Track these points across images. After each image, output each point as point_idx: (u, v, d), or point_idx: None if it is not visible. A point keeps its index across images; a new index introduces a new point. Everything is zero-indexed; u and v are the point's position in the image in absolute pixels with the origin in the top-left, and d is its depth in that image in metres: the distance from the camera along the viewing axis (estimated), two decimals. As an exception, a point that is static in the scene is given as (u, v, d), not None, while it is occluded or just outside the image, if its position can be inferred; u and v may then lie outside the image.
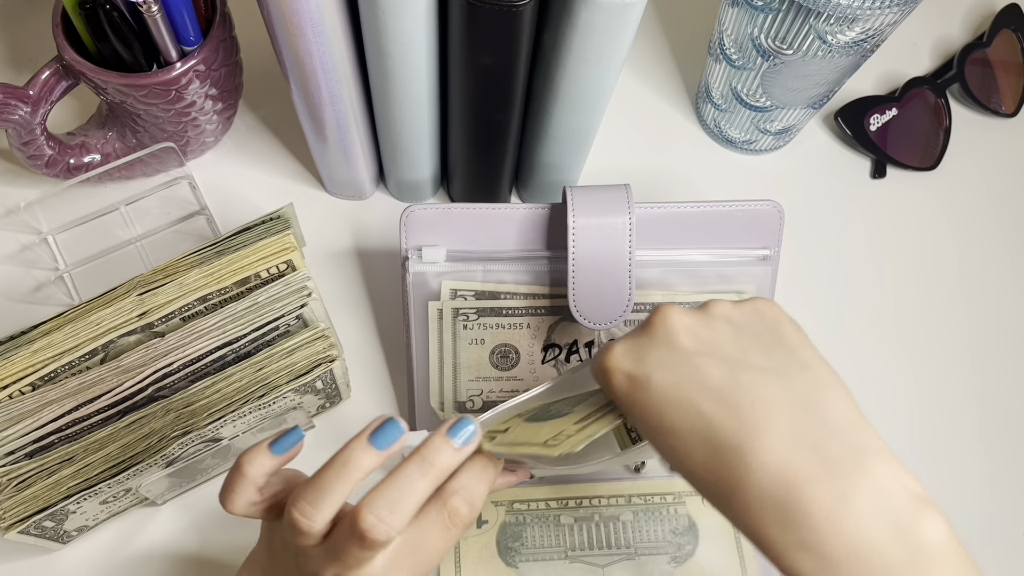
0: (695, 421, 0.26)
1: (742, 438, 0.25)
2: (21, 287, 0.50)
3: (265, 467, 0.29)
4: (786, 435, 0.25)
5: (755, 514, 0.24)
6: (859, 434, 0.25)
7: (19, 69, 0.57)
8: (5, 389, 0.38)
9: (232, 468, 0.30)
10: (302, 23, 0.38)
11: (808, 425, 0.25)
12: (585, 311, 0.42)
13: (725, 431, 0.25)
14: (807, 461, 0.24)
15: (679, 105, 0.61)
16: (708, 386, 0.26)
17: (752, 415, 0.25)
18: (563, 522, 0.45)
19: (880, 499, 0.24)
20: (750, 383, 0.26)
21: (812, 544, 0.23)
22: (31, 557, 0.44)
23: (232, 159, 0.55)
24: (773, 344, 0.28)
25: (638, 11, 0.37)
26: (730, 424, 0.25)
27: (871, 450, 0.25)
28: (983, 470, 0.51)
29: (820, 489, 0.24)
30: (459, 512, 0.29)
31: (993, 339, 0.54)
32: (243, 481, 0.29)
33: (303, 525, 0.27)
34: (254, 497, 0.30)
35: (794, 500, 0.24)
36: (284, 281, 0.41)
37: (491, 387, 0.45)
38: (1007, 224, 0.58)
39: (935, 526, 0.24)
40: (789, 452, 0.24)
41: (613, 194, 0.42)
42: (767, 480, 0.24)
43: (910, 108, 0.60)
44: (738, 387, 0.26)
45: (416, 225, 0.43)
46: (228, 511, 0.30)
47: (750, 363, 0.27)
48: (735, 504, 0.25)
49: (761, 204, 0.44)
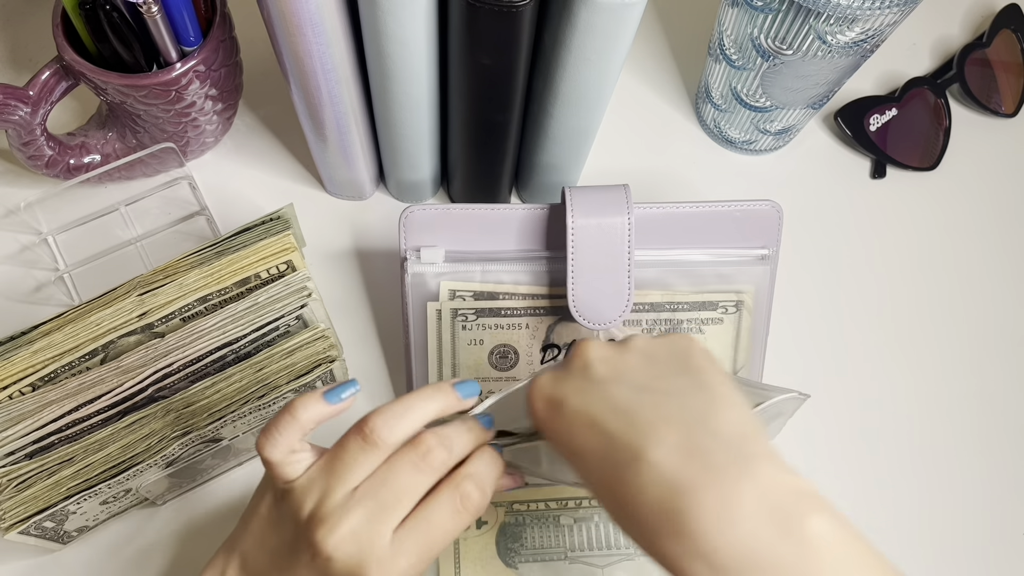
0: (599, 440, 0.27)
1: (634, 452, 0.26)
2: (21, 287, 0.50)
3: (317, 415, 0.30)
4: (674, 447, 0.26)
5: (650, 526, 0.25)
6: (747, 443, 0.26)
7: (19, 69, 0.57)
8: (5, 389, 0.38)
9: (281, 412, 0.30)
10: (302, 23, 0.38)
11: (697, 437, 0.26)
12: (584, 311, 0.42)
13: (621, 447, 0.26)
14: (693, 470, 0.25)
15: (679, 105, 0.61)
16: (613, 407, 0.28)
17: (645, 430, 0.26)
18: (563, 523, 0.45)
19: (763, 500, 0.24)
20: (650, 403, 0.27)
21: (704, 552, 0.24)
22: (31, 557, 0.44)
23: (232, 159, 0.55)
24: (680, 371, 0.29)
25: (638, 11, 0.37)
26: (625, 439, 0.26)
27: (756, 455, 0.25)
28: (983, 470, 0.51)
29: (706, 496, 0.24)
30: (471, 496, 0.30)
31: (992, 339, 0.54)
32: (293, 424, 0.29)
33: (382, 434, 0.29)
34: (295, 445, 0.30)
35: (683, 509, 0.24)
36: (284, 281, 0.41)
37: (490, 387, 0.45)
38: (1007, 224, 0.58)
39: (820, 519, 0.24)
40: (676, 463, 0.25)
41: (612, 194, 0.42)
42: (657, 491, 0.25)
43: (910, 108, 0.60)
44: (639, 408, 0.27)
45: (415, 226, 0.43)
46: (266, 455, 0.29)
47: (654, 387, 0.28)
48: (631, 517, 0.26)
49: (759, 204, 0.44)
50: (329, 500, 0.29)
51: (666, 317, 0.45)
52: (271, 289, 0.40)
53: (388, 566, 0.28)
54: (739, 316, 0.45)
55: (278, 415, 0.30)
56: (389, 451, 0.30)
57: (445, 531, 0.30)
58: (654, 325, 0.45)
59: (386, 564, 0.28)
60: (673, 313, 0.45)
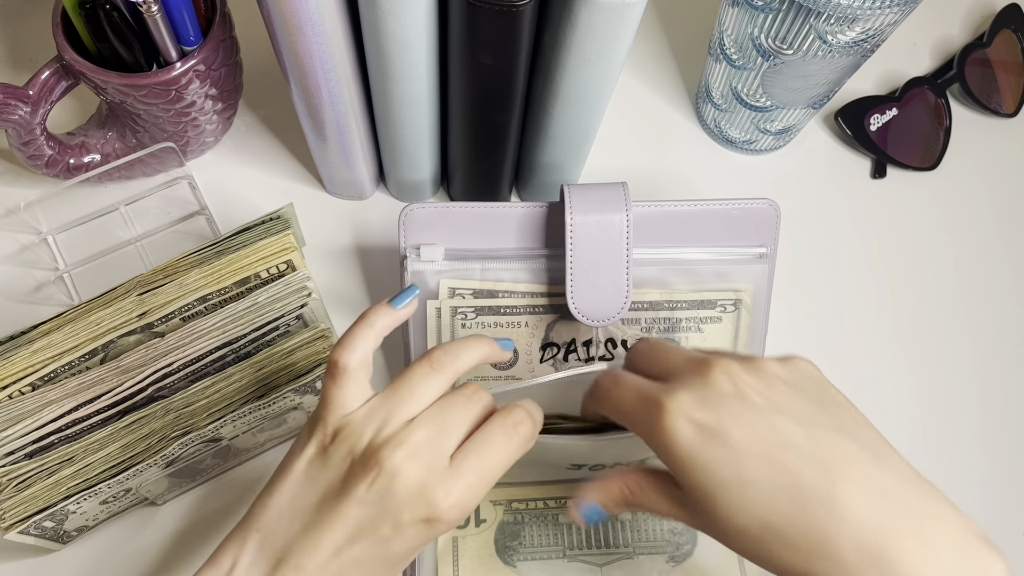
0: (779, 476, 0.27)
1: (832, 492, 0.27)
2: (21, 287, 0.50)
3: (389, 321, 0.33)
4: (871, 487, 0.27)
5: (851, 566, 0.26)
6: (924, 483, 0.28)
7: (19, 69, 0.57)
8: (5, 389, 0.38)
9: (356, 324, 0.32)
10: (302, 23, 0.38)
11: (886, 477, 0.27)
12: (583, 309, 0.42)
13: (813, 487, 0.27)
14: (896, 511, 0.26)
15: (679, 105, 0.61)
16: (789, 443, 0.28)
17: (838, 470, 0.27)
18: (561, 521, 0.45)
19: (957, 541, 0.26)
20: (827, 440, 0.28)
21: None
22: (31, 557, 0.44)
23: (232, 159, 0.55)
24: (826, 403, 0.30)
25: (638, 11, 0.37)
26: (817, 480, 0.27)
27: (938, 497, 0.27)
28: (983, 470, 0.51)
29: (911, 539, 0.26)
30: (523, 422, 0.31)
31: (993, 339, 0.54)
32: (369, 331, 0.32)
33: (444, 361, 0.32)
34: (370, 354, 0.32)
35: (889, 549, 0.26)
36: (284, 281, 0.41)
37: (489, 386, 0.45)
38: (1007, 224, 0.58)
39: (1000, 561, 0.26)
40: (878, 504, 0.26)
41: (610, 192, 0.42)
42: (861, 532, 0.26)
43: (910, 108, 0.60)
44: (817, 444, 0.28)
45: (414, 224, 0.43)
46: (344, 360, 0.31)
47: (817, 422, 0.29)
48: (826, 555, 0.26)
49: (757, 202, 0.45)
50: (393, 421, 0.30)
51: (665, 315, 0.45)
52: (271, 289, 0.40)
53: (449, 486, 0.29)
54: (737, 315, 0.45)
55: (352, 326, 0.32)
56: (450, 380, 0.32)
57: (498, 456, 0.31)
58: (653, 323, 0.45)
59: (447, 484, 0.29)
60: (672, 312, 0.45)
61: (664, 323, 0.45)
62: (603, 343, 0.45)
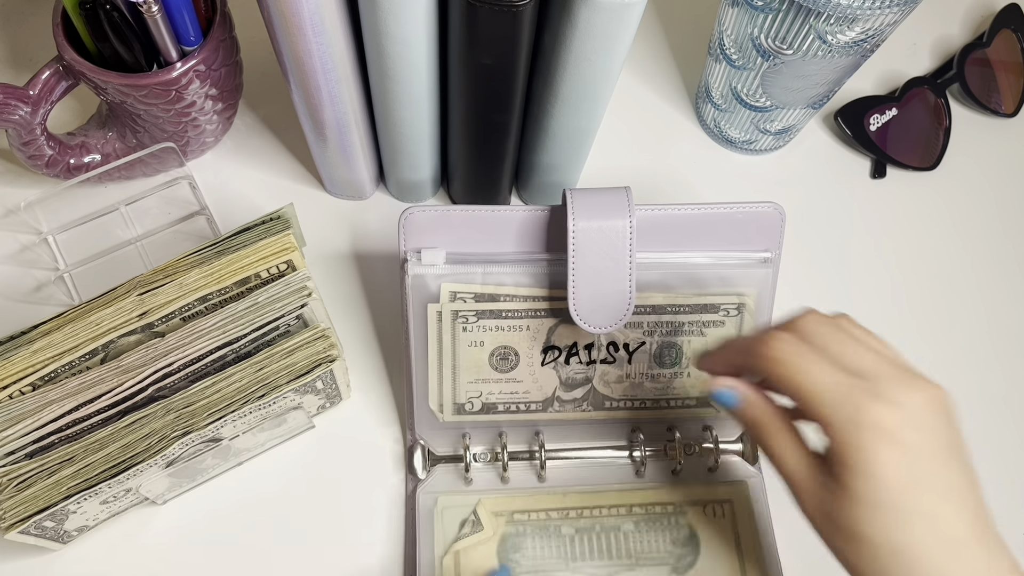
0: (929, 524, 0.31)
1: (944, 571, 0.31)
2: (21, 287, 0.50)
3: None
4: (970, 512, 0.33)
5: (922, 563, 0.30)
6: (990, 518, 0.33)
7: (19, 69, 0.57)
8: (5, 389, 0.38)
9: None
10: (302, 23, 0.38)
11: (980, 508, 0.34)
12: (584, 314, 0.42)
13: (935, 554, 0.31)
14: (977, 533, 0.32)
15: (679, 105, 0.61)
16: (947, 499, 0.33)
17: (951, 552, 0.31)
18: (564, 532, 0.45)
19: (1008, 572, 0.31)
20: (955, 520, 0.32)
21: None
22: (31, 557, 0.44)
23: (232, 159, 0.55)
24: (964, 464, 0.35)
25: (638, 11, 0.37)
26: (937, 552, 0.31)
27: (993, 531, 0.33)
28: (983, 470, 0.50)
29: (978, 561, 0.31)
30: None
31: (994, 339, 0.54)
32: None
33: None
34: None
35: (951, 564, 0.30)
36: (284, 281, 0.41)
37: (490, 389, 0.45)
38: (1007, 224, 0.58)
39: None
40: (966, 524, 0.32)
41: (613, 197, 0.42)
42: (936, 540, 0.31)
43: (910, 108, 0.60)
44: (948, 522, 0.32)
45: (415, 227, 0.43)
46: None
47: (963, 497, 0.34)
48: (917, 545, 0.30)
49: (762, 206, 0.44)
50: None
51: (668, 320, 0.45)
52: (271, 289, 0.40)
53: None
54: (741, 319, 0.45)
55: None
56: None
57: None
58: (655, 328, 0.45)
59: None
60: (675, 316, 0.45)
61: (667, 327, 0.45)
62: (605, 347, 0.45)
